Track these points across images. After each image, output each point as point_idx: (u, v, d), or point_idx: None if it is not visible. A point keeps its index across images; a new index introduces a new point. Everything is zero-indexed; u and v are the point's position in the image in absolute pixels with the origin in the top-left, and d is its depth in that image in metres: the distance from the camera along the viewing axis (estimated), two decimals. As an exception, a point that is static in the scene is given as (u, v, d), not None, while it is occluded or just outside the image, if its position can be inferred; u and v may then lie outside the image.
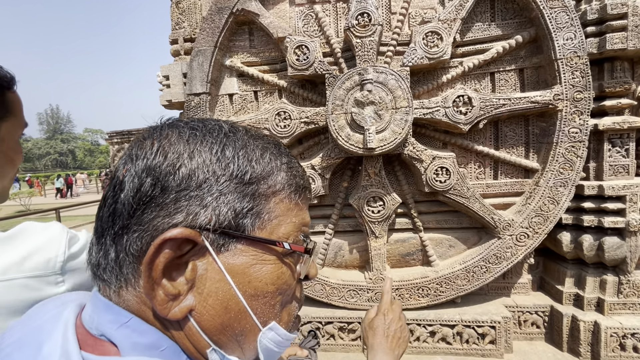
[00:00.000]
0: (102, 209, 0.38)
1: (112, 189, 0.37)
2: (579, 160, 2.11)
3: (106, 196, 0.37)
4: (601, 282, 2.23)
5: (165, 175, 0.35)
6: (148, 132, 0.40)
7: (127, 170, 0.36)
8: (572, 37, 2.04)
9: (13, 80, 0.68)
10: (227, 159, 0.38)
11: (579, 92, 2.07)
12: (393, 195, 2.32)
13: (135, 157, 0.37)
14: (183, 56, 2.71)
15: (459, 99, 2.16)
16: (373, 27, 2.14)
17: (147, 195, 0.35)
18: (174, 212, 0.35)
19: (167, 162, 0.36)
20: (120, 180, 0.36)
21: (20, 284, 0.60)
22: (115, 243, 0.36)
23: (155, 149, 0.36)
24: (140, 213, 0.35)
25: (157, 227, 0.35)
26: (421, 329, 2.31)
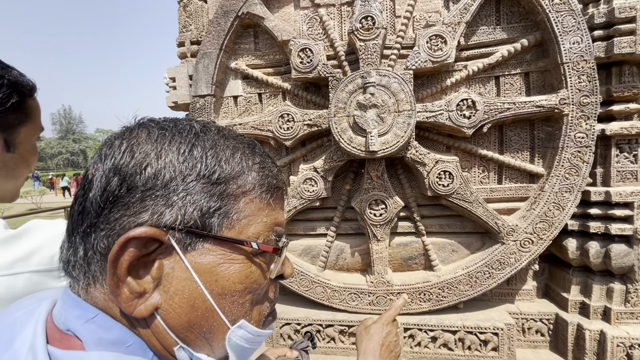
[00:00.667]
0: (73, 207, 0.38)
1: (82, 187, 0.38)
2: (585, 166, 2.08)
3: (77, 195, 0.38)
4: (608, 290, 2.19)
5: (131, 175, 0.36)
6: (119, 132, 0.40)
7: (96, 170, 0.37)
8: (578, 41, 2.01)
9: (34, 88, 0.74)
10: (195, 158, 0.38)
11: (585, 97, 2.04)
12: (395, 199, 2.31)
13: (104, 156, 0.38)
14: (189, 58, 2.75)
15: (462, 103, 2.15)
16: (377, 31, 2.14)
17: (113, 194, 0.35)
18: (140, 211, 0.36)
19: (134, 162, 0.36)
20: (89, 179, 0.37)
21: (25, 278, 0.63)
22: (84, 241, 0.36)
23: (123, 148, 0.37)
24: (108, 212, 0.35)
25: (123, 225, 0.35)
26: (422, 334, 2.29)
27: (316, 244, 2.57)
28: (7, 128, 0.70)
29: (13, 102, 0.68)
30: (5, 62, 0.69)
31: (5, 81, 0.67)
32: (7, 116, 0.68)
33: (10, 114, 0.69)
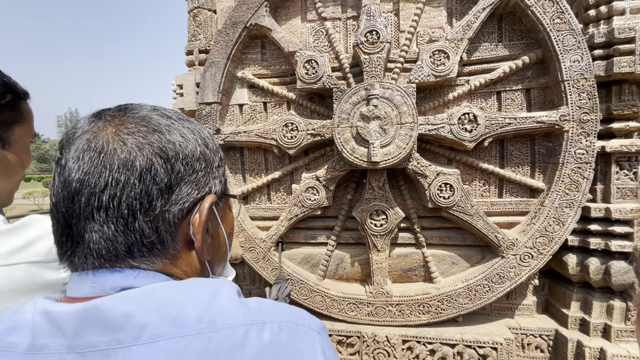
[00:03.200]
0: (119, 196, 0.40)
1: (137, 176, 0.41)
2: (585, 182, 2.09)
3: (126, 185, 0.40)
4: (608, 307, 2.18)
5: (200, 160, 0.48)
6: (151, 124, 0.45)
7: (151, 160, 0.42)
8: (579, 60, 2.05)
9: (27, 94, 0.80)
10: (212, 142, 0.53)
11: (585, 114, 2.07)
12: (396, 210, 2.33)
13: (152, 144, 0.43)
14: (197, 67, 2.81)
15: (464, 117, 2.18)
16: (381, 45, 2.19)
17: (180, 176, 0.45)
18: (204, 185, 0.48)
19: (190, 147, 0.47)
20: (147, 167, 0.42)
21: (23, 269, 0.65)
22: (153, 219, 0.42)
23: (175, 138, 0.45)
24: (178, 190, 0.44)
25: (193, 197, 0.46)
26: (421, 346, 2.28)
27: (316, 253, 2.58)
28: (2, 125, 0.73)
29: (7, 100, 0.72)
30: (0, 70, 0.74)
31: (0, 81, 0.71)
32: (2, 113, 0.72)
33: (6, 111, 0.73)
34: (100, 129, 0.42)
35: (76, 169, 0.40)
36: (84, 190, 0.40)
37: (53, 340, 0.35)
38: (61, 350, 0.34)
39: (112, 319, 0.35)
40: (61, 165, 0.41)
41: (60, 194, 0.41)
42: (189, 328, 0.34)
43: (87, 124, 0.44)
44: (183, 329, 0.34)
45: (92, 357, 0.34)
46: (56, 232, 0.43)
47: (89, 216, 0.40)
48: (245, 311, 0.38)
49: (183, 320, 0.35)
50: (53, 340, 0.35)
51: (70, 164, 0.41)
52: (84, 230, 0.41)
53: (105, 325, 0.35)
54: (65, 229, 0.42)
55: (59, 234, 0.43)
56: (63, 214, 0.41)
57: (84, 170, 0.40)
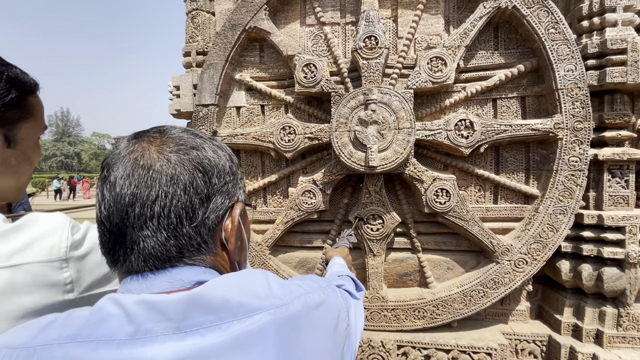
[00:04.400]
0: (168, 206, 0.47)
1: (182, 189, 0.48)
2: (579, 189, 2.13)
3: (173, 196, 0.48)
4: (600, 313, 2.20)
5: (228, 174, 0.54)
6: (188, 143, 0.52)
7: (193, 174, 0.49)
8: (572, 69, 2.09)
9: (36, 85, 0.74)
10: (235, 158, 0.60)
11: (579, 122, 2.10)
12: (392, 214, 2.33)
13: (192, 159, 0.50)
14: (194, 68, 2.80)
15: (460, 123, 2.21)
16: (379, 50, 2.21)
17: (218, 188, 0.52)
18: (234, 195, 0.55)
19: (222, 162, 0.54)
20: (190, 181, 0.49)
21: (24, 270, 0.62)
22: (197, 225, 0.49)
23: (210, 154, 0.52)
24: (215, 199, 0.51)
25: (225, 206, 0.53)
26: (415, 351, 2.27)
27: (312, 257, 2.57)
28: (7, 124, 0.70)
29: (12, 98, 0.68)
30: (5, 60, 0.70)
31: (4, 76, 0.67)
32: (6, 112, 0.69)
33: (10, 110, 0.69)
34: (145, 149, 0.49)
35: (127, 185, 0.46)
36: (137, 202, 0.46)
37: (158, 325, 0.41)
38: (166, 332, 0.41)
39: (213, 302, 0.43)
40: (110, 182, 0.47)
41: (112, 207, 0.47)
42: (268, 303, 0.45)
43: (129, 145, 0.50)
44: (264, 304, 0.45)
45: (196, 335, 0.41)
46: (108, 242, 0.49)
47: (142, 225, 0.46)
48: (295, 287, 0.51)
49: (261, 298, 0.46)
50: (158, 325, 0.41)
51: (120, 181, 0.47)
52: (138, 237, 0.47)
53: (208, 308, 0.43)
54: (118, 238, 0.47)
55: (112, 242, 0.48)
56: (117, 225, 0.47)
57: (135, 185, 0.46)
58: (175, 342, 0.40)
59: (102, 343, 0.39)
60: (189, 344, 0.40)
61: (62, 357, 0.38)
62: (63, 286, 0.66)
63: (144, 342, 0.40)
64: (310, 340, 0.46)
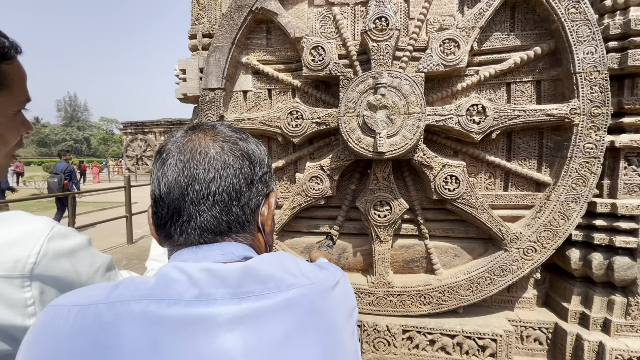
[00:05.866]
0: (223, 186, 0.54)
1: (233, 173, 0.55)
2: (593, 177, 2.07)
3: (226, 178, 0.55)
4: (609, 302, 2.19)
5: (264, 164, 0.61)
6: (235, 136, 0.60)
7: (241, 161, 0.57)
8: (592, 51, 2.00)
9: (10, 50, 0.61)
10: (267, 153, 0.65)
11: (596, 108, 2.03)
12: (400, 201, 2.31)
13: (240, 151, 0.57)
14: (201, 51, 2.76)
15: (472, 108, 2.15)
16: (390, 32, 2.14)
17: (260, 176, 0.59)
18: (269, 184, 0.62)
19: (260, 154, 0.61)
20: (240, 166, 0.56)
21: None
22: (243, 206, 0.56)
23: (253, 147, 0.60)
24: (257, 186, 0.58)
25: (263, 192, 0.60)
26: (421, 336, 2.30)
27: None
28: None
29: None
30: None
31: None
32: None
33: None
34: (201, 138, 0.56)
35: (188, 167, 0.53)
36: (196, 182, 0.53)
37: (217, 290, 0.46)
38: (224, 297, 0.46)
39: (262, 275, 0.49)
40: (171, 164, 0.54)
41: (173, 184, 0.53)
42: (302, 281, 0.52)
43: (187, 134, 0.58)
44: (299, 281, 0.52)
45: (249, 300, 0.47)
46: (166, 215, 0.54)
47: (200, 201, 0.53)
48: (319, 271, 0.58)
49: (296, 276, 0.53)
50: (217, 290, 0.46)
51: (180, 164, 0.54)
52: (196, 212, 0.53)
53: (259, 279, 0.49)
54: (176, 212, 0.54)
55: (169, 216, 0.54)
56: (176, 200, 0.53)
57: (195, 167, 0.53)
58: (233, 305, 0.46)
59: (172, 302, 0.44)
60: (244, 307, 0.46)
61: (140, 311, 0.43)
62: (23, 308, 0.56)
63: (207, 304, 0.45)
64: (334, 309, 0.55)
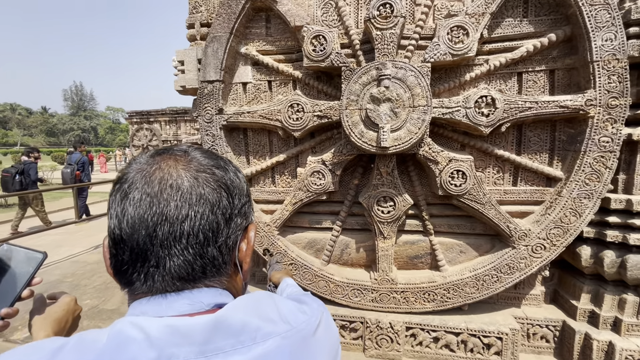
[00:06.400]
0: (197, 225, 0.47)
1: (210, 209, 0.48)
2: (608, 172, 1.97)
3: (202, 215, 0.47)
4: (620, 301, 2.12)
5: (244, 194, 0.54)
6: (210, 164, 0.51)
7: (219, 194, 0.49)
8: (612, 38, 1.87)
9: None
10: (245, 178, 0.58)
11: (614, 99, 1.91)
12: (405, 196, 2.24)
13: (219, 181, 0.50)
14: (199, 41, 2.67)
15: (481, 100, 2.04)
16: (395, 19, 2.02)
17: (240, 209, 0.52)
18: (248, 216, 0.54)
19: (240, 184, 0.53)
20: (217, 201, 0.49)
21: None
22: (221, 247, 0.49)
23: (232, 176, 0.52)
24: (236, 221, 0.51)
25: (242, 227, 0.52)
26: (424, 334, 2.26)
27: (321, 238, 2.53)
28: None
29: None
30: None
31: None
32: None
33: None
34: (172, 167, 0.48)
35: (157, 203, 0.45)
36: (166, 221, 0.45)
37: (180, 349, 0.40)
38: (189, 356, 0.40)
39: (234, 326, 0.43)
40: (135, 199, 0.46)
41: (137, 224, 0.45)
42: (280, 328, 0.45)
43: (153, 162, 0.49)
44: (278, 329, 0.45)
45: (219, 358, 0.41)
46: (128, 260, 0.46)
47: (170, 243, 0.45)
48: (299, 313, 0.50)
49: (275, 322, 0.46)
50: (180, 349, 0.40)
51: (147, 199, 0.45)
52: (165, 256, 0.45)
53: (230, 332, 0.43)
54: (140, 257, 0.46)
55: (132, 261, 0.46)
56: (142, 243, 0.45)
57: (165, 204, 0.45)
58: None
59: None
60: None
61: None
62: None
63: None
64: (316, 355, 0.49)
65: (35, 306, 0.71)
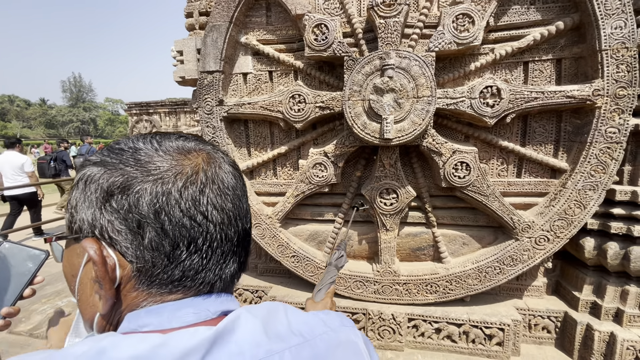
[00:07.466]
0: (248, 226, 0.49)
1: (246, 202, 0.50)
2: (614, 163, 1.95)
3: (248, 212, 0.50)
4: (622, 292, 2.12)
5: None
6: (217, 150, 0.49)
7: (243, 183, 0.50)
8: (622, 26, 1.83)
9: None
10: None
11: (622, 89, 1.88)
12: (408, 189, 2.23)
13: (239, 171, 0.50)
14: (198, 31, 2.61)
15: (486, 90, 2.01)
16: (399, 7, 1.97)
17: None
18: None
19: None
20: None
21: None
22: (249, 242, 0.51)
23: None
24: None
25: None
26: (427, 325, 2.27)
27: (323, 230, 2.53)
28: None
29: None
30: None
31: None
32: None
33: None
34: (216, 159, 0.46)
35: (237, 197, 0.45)
36: (246, 216, 0.46)
37: None
38: None
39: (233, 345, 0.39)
40: (218, 191, 0.43)
41: (233, 217, 0.44)
42: (288, 344, 0.41)
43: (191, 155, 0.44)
44: (285, 345, 0.41)
45: None
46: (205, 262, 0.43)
47: (244, 241, 0.46)
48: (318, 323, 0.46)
49: (282, 339, 0.41)
50: None
51: (230, 192, 0.44)
52: (237, 255, 0.46)
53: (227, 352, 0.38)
54: (223, 255, 0.44)
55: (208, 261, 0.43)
56: (234, 238, 0.44)
57: (242, 200, 0.46)
58: None
59: None
60: None
61: None
62: None
63: None
64: None
65: (53, 317, 0.73)
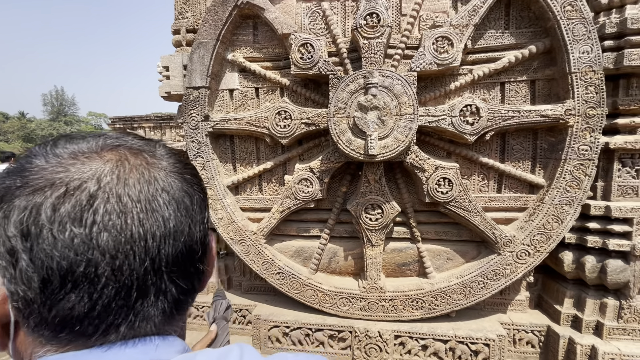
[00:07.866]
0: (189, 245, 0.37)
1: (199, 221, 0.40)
2: (587, 179, 2.04)
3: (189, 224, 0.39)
4: (601, 305, 2.17)
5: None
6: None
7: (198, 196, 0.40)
8: (588, 51, 1.95)
9: None
10: None
11: (591, 108, 1.98)
12: (392, 204, 2.25)
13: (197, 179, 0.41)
14: (185, 47, 2.63)
15: (466, 109, 2.08)
16: (382, 29, 2.05)
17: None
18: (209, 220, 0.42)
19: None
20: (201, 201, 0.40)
21: None
22: (198, 266, 0.39)
23: None
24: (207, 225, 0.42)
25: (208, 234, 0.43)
26: (413, 342, 2.25)
27: (309, 246, 2.51)
28: None
29: None
30: None
31: None
32: None
33: None
34: (146, 163, 0.35)
35: (151, 212, 0.33)
36: (169, 237, 0.33)
37: None
38: None
39: None
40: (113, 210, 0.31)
41: (128, 244, 0.31)
42: None
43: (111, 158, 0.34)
44: None
45: None
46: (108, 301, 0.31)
47: (165, 273, 0.34)
48: None
49: None
50: None
51: (137, 206, 0.32)
52: (164, 285, 0.34)
53: None
54: (134, 292, 0.32)
55: (124, 297, 0.32)
56: (139, 271, 0.32)
57: (161, 213, 0.34)
58: None
59: None
60: None
61: None
62: None
63: None
64: None
65: None
